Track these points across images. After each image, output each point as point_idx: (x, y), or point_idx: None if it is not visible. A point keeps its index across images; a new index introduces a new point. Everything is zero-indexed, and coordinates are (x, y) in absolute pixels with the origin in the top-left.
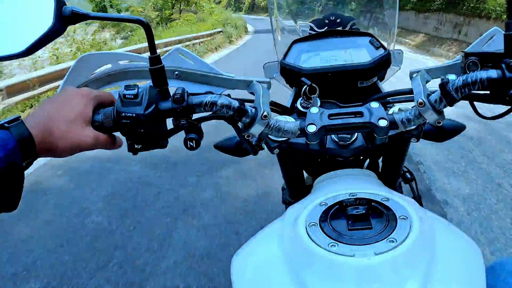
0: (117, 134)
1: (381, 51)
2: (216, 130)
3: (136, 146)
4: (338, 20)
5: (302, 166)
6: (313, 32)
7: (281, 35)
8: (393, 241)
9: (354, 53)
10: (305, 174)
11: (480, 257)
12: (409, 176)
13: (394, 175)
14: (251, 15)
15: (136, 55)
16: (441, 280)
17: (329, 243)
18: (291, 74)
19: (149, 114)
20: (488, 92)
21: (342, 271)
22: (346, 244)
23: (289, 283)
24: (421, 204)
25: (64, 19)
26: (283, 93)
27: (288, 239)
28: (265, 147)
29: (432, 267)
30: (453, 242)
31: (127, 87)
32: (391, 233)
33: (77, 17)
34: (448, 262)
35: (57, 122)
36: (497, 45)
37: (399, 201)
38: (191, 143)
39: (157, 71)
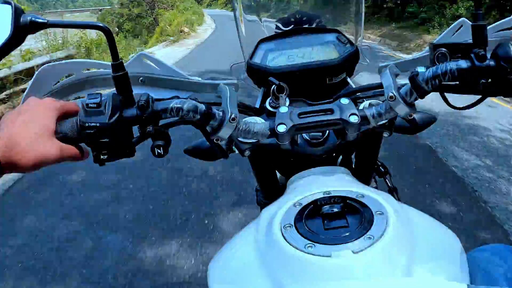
0: (83, 144)
1: (348, 47)
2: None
3: (102, 156)
4: (304, 18)
5: (274, 166)
6: (280, 31)
7: (246, 35)
8: (370, 238)
9: (322, 50)
10: (278, 174)
11: (459, 247)
12: (382, 169)
13: (368, 170)
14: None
15: (99, 62)
16: (423, 274)
17: (306, 244)
18: (258, 74)
19: (113, 123)
20: (458, 82)
21: (320, 272)
22: (322, 244)
23: (267, 287)
24: (397, 197)
25: (22, 29)
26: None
27: (264, 242)
28: (236, 150)
29: (412, 261)
30: (432, 234)
31: (89, 96)
32: (368, 230)
33: (36, 26)
34: (428, 255)
35: (20, 137)
36: (465, 36)
37: (375, 197)
38: (159, 150)
39: (121, 78)
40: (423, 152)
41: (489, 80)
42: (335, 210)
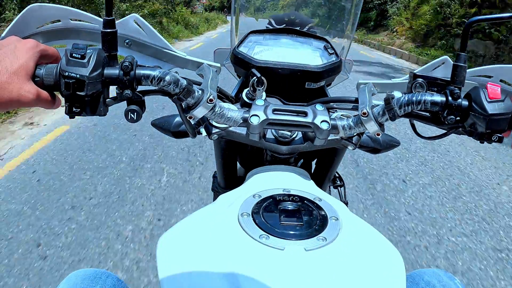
0: (57, 93)
1: (333, 58)
2: None
3: (74, 109)
4: (297, 20)
5: (236, 156)
6: (271, 27)
7: (238, 25)
8: (323, 240)
9: (308, 54)
10: (238, 165)
11: (402, 266)
12: (339, 182)
13: (325, 178)
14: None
15: (89, 16)
16: (364, 284)
17: (260, 235)
18: (241, 64)
19: (94, 78)
20: (429, 114)
21: (272, 263)
22: (277, 237)
23: (218, 271)
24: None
25: None
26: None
27: (219, 226)
28: (203, 131)
29: (357, 270)
30: (378, 249)
31: (75, 45)
32: (322, 231)
33: None
34: (372, 267)
35: None
36: (444, 73)
37: (331, 203)
38: (132, 115)
39: (109, 35)
40: None
41: (458, 118)
42: (293, 207)
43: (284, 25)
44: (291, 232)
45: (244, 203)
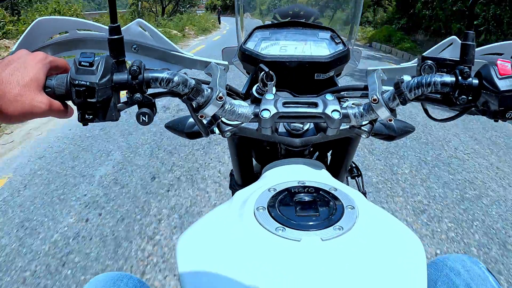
0: (69, 102)
1: (340, 47)
2: None
3: (87, 116)
4: (301, 12)
5: (251, 152)
6: (276, 21)
7: (244, 21)
8: (340, 229)
9: (314, 46)
10: (254, 162)
11: (422, 252)
12: (356, 172)
13: (341, 169)
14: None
15: (96, 24)
16: (383, 272)
17: (276, 227)
18: (249, 60)
19: (103, 84)
20: (439, 95)
21: (289, 255)
22: (293, 229)
23: (236, 265)
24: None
25: None
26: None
27: (235, 222)
28: (216, 130)
29: (375, 258)
30: (397, 236)
31: (83, 54)
32: (338, 221)
33: None
34: (391, 255)
35: (10, 86)
36: (453, 53)
37: (347, 192)
38: (144, 118)
39: (116, 42)
40: None
41: (470, 97)
42: (308, 198)
43: (289, 18)
44: (307, 223)
45: (260, 197)
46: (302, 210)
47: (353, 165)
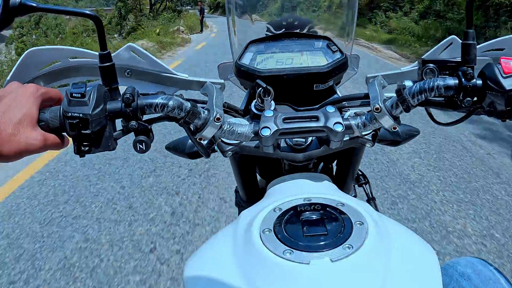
0: (65, 133)
1: (338, 55)
2: None
3: (83, 148)
4: (296, 22)
5: (255, 169)
6: (270, 34)
7: (237, 36)
8: (349, 248)
9: (311, 56)
10: (259, 177)
11: (435, 260)
12: (362, 179)
13: (348, 179)
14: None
15: (87, 51)
16: (398, 286)
17: (284, 250)
18: (246, 76)
19: (97, 115)
20: (443, 99)
21: (298, 279)
22: (301, 251)
23: None
24: (376, 207)
25: (11, 11)
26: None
27: (242, 245)
28: (217, 149)
29: (390, 273)
30: (409, 246)
31: (74, 85)
32: (347, 239)
33: (25, 9)
34: (405, 267)
35: (3, 125)
36: (454, 53)
37: (355, 206)
38: (141, 146)
39: (107, 69)
40: None
41: (475, 98)
42: (315, 217)
43: (283, 29)
44: (316, 244)
45: (265, 218)
46: (310, 229)
47: (360, 173)
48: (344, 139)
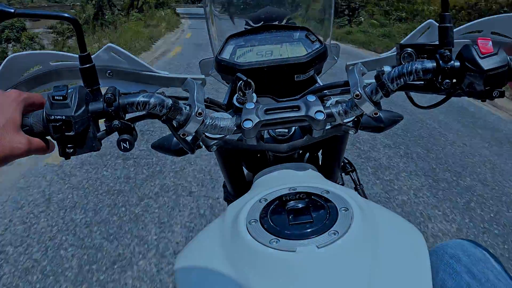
0: (49, 137)
1: (317, 45)
2: None
3: (67, 150)
4: (274, 15)
5: (241, 162)
6: (249, 27)
7: (216, 31)
8: (335, 234)
9: (290, 47)
10: (245, 171)
11: (423, 243)
12: (349, 167)
13: (334, 168)
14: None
15: (67, 54)
16: (386, 269)
17: (271, 239)
18: (226, 70)
19: (79, 116)
20: (423, 82)
21: (285, 266)
22: (287, 239)
23: (233, 282)
24: (364, 194)
25: None
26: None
27: (229, 237)
28: (202, 145)
29: (377, 257)
30: (396, 230)
31: (55, 88)
32: (333, 225)
33: (3, 15)
34: (392, 251)
35: None
36: (432, 37)
37: (340, 193)
38: (125, 144)
39: (88, 70)
40: None
41: (454, 80)
42: (300, 205)
43: (262, 22)
44: (301, 232)
45: (251, 209)
46: (295, 218)
47: (346, 161)
48: (327, 127)
